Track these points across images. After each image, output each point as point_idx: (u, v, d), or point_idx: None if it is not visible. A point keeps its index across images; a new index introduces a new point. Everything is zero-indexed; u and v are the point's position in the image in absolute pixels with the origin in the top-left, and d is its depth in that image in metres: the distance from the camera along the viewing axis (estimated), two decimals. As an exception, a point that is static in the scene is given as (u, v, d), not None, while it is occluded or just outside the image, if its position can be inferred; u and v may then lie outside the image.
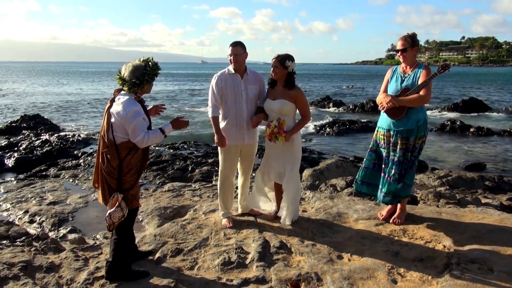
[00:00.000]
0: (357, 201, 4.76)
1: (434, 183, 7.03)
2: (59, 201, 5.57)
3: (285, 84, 3.81)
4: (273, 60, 3.80)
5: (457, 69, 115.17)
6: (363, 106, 22.32)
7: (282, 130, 3.73)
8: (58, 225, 4.73)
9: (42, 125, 14.42)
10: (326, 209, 4.45)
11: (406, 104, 3.63)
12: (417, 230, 3.80)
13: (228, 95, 3.83)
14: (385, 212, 4.11)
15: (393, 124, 3.75)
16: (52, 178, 7.34)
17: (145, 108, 3.05)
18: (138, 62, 2.94)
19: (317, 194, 5.19)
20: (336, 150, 11.93)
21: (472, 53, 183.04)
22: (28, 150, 10.49)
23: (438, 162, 10.21)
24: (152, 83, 3.02)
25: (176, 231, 3.96)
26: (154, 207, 4.92)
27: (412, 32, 3.73)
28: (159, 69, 2.99)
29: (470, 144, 12.67)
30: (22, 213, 5.11)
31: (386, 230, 3.84)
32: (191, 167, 8.28)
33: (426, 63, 36.48)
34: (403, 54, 3.72)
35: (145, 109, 3.02)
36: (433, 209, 4.44)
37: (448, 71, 3.64)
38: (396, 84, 3.77)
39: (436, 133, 14.57)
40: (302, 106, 3.86)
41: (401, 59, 3.77)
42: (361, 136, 14.25)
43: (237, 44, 3.80)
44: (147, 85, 2.95)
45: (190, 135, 14.05)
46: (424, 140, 3.80)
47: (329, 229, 3.93)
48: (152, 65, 2.94)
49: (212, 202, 4.99)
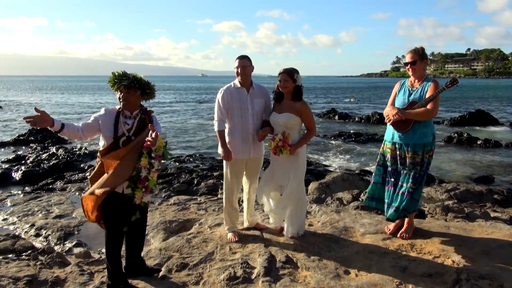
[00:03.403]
0: (363, 215, 4.72)
1: (441, 196, 6.95)
2: (65, 215, 5.58)
3: (293, 97, 3.82)
4: (280, 74, 3.82)
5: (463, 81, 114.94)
6: (369, 119, 22.29)
7: (287, 143, 3.72)
8: (63, 238, 4.73)
9: (50, 138, 14.54)
10: (332, 223, 4.41)
11: (413, 117, 3.61)
12: (425, 244, 3.75)
13: (234, 109, 3.85)
14: (392, 226, 4.06)
15: (399, 137, 3.74)
16: (58, 192, 7.37)
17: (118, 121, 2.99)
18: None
19: (323, 208, 5.15)
20: (342, 163, 11.88)
21: (478, 65, 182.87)
22: (35, 163, 10.55)
23: (446, 175, 10.11)
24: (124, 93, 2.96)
25: (182, 245, 3.94)
26: (160, 221, 4.91)
27: (420, 46, 3.76)
28: (121, 80, 2.96)
29: (478, 157, 12.55)
30: (28, 227, 5.12)
31: (394, 245, 3.79)
32: (197, 180, 8.28)
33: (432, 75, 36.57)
34: (413, 67, 3.72)
35: (116, 121, 2.98)
36: (441, 223, 4.39)
37: (456, 85, 3.63)
38: (404, 97, 3.77)
39: (443, 145, 14.46)
40: (307, 120, 3.87)
41: (410, 72, 3.77)
42: (367, 148, 14.19)
43: (244, 57, 3.87)
44: (118, 94, 2.98)
45: (196, 149, 14.08)
46: (432, 155, 3.77)
47: (335, 243, 3.89)
48: (114, 75, 2.98)
49: (217, 215, 4.97)
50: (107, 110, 3.04)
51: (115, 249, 3.09)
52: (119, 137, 2.97)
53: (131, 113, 3.04)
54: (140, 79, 3.00)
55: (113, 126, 2.96)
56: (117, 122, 2.98)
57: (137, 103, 3.07)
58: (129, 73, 2.98)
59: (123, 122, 3.00)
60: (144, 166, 2.95)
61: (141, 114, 3.08)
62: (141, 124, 3.05)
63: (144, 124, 3.06)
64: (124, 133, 2.99)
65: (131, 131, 3.01)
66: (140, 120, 3.05)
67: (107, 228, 3.07)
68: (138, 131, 3.03)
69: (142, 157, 2.95)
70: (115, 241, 3.09)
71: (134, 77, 2.97)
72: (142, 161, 2.95)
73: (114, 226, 3.05)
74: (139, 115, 3.07)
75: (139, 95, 3.03)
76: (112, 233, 3.07)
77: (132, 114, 3.04)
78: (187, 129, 20.10)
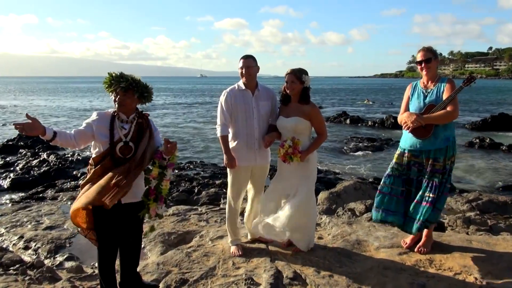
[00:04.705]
0: (378, 227, 4.69)
1: (462, 207, 6.90)
2: (56, 226, 5.59)
3: (300, 99, 3.82)
4: (287, 74, 3.82)
5: (484, 82, 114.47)
6: (383, 122, 22.24)
7: (297, 150, 3.71)
8: (54, 252, 4.74)
9: (40, 144, 14.62)
10: (344, 236, 4.39)
11: (433, 121, 3.60)
12: (445, 260, 3.72)
13: (238, 112, 3.85)
14: (409, 240, 4.03)
15: (419, 144, 3.71)
16: (49, 201, 7.40)
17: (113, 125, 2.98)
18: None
19: (334, 219, 5.13)
20: (354, 171, 11.84)
21: (501, 65, 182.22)
22: (25, 170, 10.63)
23: (467, 183, 10.05)
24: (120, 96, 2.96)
25: (181, 259, 3.93)
26: (158, 233, 4.90)
27: (428, 45, 3.76)
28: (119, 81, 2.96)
29: (502, 164, 12.48)
30: (16, 239, 5.14)
31: (411, 260, 3.75)
32: (198, 189, 8.28)
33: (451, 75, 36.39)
34: (427, 65, 3.71)
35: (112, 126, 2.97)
36: (463, 236, 4.36)
37: (474, 83, 3.62)
38: (419, 101, 3.75)
39: (464, 151, 14.39)
40: (318, 124, 3.86)
41: (424, 71, 3.76)
42: (381, 155, 14.15)
43: (249, 57, 3.88)
44: (113, 96, 2.97)
45: (196, 155, 14.10)
46: (453, 161, 3.75)
47: (347, 258, 3.87)
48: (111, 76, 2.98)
49: (219, 227, 4.96)
50: (100, 114, 3.02)
51: (108, 263, 3.08)
52: (115, 142, 2.96)
53: (127, 117, 3.04)
54: (139, 81, 3.01)
55: (109, 131, 2.96)
56: (113, 126, 2.98)
57: (134, 106, 3.07)
58: (127, 74, 2.98)
59: (119, 127, 3.00)
60: (154, 176, 3.01)
61: (137, 118, 3.08)
62: (139, 129, 3.05)
63: (142, 129, 3.05)
64: (121, 138, 2.97)
65: (128, 136, 2.99)
66: (137, 125, 3.05)
67: (99, 240, 3.07)
68: (136, 136, 3.02)
69: (154, 167, 3.01)
70: (108, 255, 3.08)
71: (132, 79, 2.97)
72: (153, 171, 3.01)
73: (107, 238, 3.05)
74: (136, 119, 3.06)
75: (136, 99, 3.03)
76: (105, 246, 3.06)
77: (128, 118, 3.04)
78: (183, 133, 20.16)
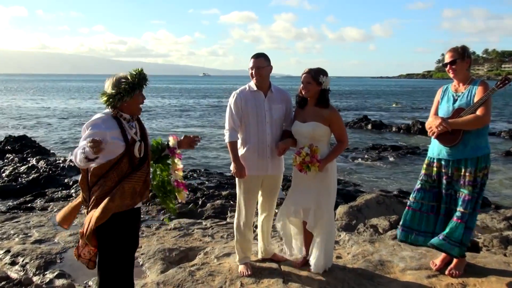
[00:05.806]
0: (403, 246, 4.65)
1: (499, 225, 6.84)
2: (46, 239, 5.64)
3: (318, 103, 3.82)
4: (303, 75, 3.83)
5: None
6: (409, 128, 22.14)
7: (315, 158, 3.70)
8: (44, 268, 4.76)
9: (29, 148, 14.79)
10: (365, 256, 4.37)
11: (461, 126, 3.59)
12: (479, 284, 3.68)
13: (249, 116, 3.87)
14: (439, 261, 4.01)
15: (446, 152, 3.70)
16: (38, 211, 7.47)
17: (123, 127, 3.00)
18: (123, 73, 3.03)
19: (354, 237, 5.11)
20: (377, 182, 11.79)
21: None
22: (12, 177, 10.75)
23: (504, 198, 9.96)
24: (137, 98, 3.00)
25: (183, 279, 3.94)
26: (157, 249, 4.92)
27: (461, 45, 3.77)
28: (144, 79, 3.00)
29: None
30: (2, 253, 5.18)
31: (441, 284, 3.73)
32: (202, 201, 8.31)
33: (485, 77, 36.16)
34: (452, 67, 3.73)
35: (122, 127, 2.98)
36: (499, 258, 4.32)
37: (509, 85, 3.61)
38: (448, 105, 3.76)
39: (500, 162, 14.26)
40: (338, 130, 3.86)
41: (450, 74, 3.78)
42: (407, 165, 14.06)
43: (260, 56, 3.87)
44: (127, 97, 2.95)
45: (201, 162, 14.14)
46: (486, 173, 3.72)
47: (369, 280, 3.85)
48: (133, 75, 2.96)
49: (226, 243, 4.97)
50: (103, 119, 3.00)
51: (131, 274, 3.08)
52: (131, 144, 3.02)
53: (132, 116, 3.09)
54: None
55: (121, 134, 2.99)
56: (123, 128, 3.03)
57: None
58: (135, 71, 2.99)
59: (129, 127, 3.06)
60: (176, 169, 3.44)
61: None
62: (141, 125, 3.18)
63: (142, 125, 3.18)
64: (134, 138, 3.05)
65: (138, 135, 3.10)
66: (138, 122, 3.16)
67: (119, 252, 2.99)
68: (141, 134, 3.13)
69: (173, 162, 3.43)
70: (130, 264, 3.08)
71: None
72: (173, 166, 3.43)
73: (129, 246, 3.06)
74: (136, 116, 3.16)
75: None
76: (127, 255, 3.04)
77: (133, 117, 3.10)
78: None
